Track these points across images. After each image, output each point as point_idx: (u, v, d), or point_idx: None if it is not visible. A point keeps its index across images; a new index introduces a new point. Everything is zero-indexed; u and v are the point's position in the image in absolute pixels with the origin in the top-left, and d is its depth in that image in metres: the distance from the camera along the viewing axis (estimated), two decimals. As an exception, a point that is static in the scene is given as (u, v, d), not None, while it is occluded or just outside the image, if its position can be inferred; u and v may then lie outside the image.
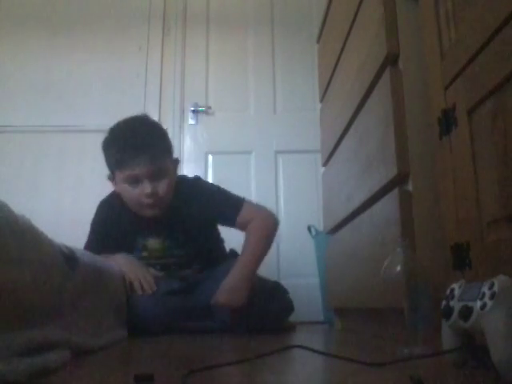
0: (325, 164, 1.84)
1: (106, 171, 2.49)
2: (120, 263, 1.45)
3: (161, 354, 1.03)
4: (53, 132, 2.52)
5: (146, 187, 1.43)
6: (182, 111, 2.61)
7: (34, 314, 0.78)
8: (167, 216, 1.51)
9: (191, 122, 2.57)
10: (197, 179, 1.63)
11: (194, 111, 2.59)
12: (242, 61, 2.67)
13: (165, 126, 2.49)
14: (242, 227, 1.52)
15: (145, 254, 1.55)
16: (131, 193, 1.47)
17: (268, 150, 2.55)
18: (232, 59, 2.67)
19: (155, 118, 2.55)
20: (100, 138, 2.56)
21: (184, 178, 1.62)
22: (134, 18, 2.68)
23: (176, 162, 1.58)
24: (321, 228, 2.03)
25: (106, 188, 2.44)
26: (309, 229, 2.13)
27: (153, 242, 1.54)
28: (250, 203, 1.59)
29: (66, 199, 2.43)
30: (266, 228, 1.51)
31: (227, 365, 0.70)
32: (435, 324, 0.76)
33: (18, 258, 0.74)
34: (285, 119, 2.59)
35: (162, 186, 1.46)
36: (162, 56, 2.65)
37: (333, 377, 0.71)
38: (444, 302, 0.68)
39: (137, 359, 0.96)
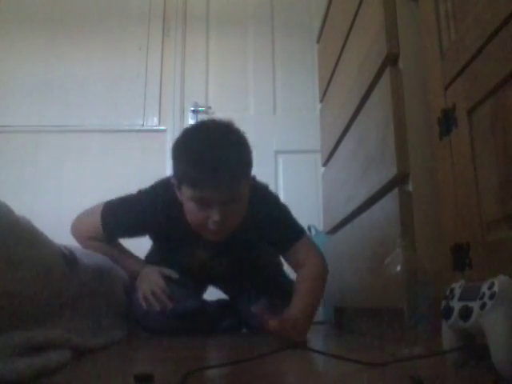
0: (325, 164, 1.84)
1: (105, 171, 2.51)
2: (137, 281, 1.38)
3: (161, 354, 1.03)
4: (53, 132, 2.52)
5: (215, 214, 1.20)
6: (182, 111, 2.61)
7: (34, 314, 0.78)
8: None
9: (191, 122, 2.57)
10: (266, 192, 1.42)
11: (194, 111, 2.59)
12: (242, 61, 2.67)
13: (164, 126, 2.54)
14: (291, 261, 1.37)
15: (190, 261, 1.44)
16: (196, 213, 1.23)
17: (268, 149, 2.55)
18: (232, 59, 2.68)
19: (155, 118, 2.56)
20: (100, 138, 2.58)
21: (253, 188, 1.34)
22: (134, 18, 2.68)
23: (252, 179, 1.34)
24: (321, 228, 2.03)
25: (106, 188, 2.44)
26: (309, 229, 2.12)
27: (203, 255, 1.42)
28: (308, 240, 1.41)
29: (65, 199, 2.43)
30: (321, 277, 1.34)
31: (227, 365, 0.70)
32: (435, 324, 0.76)
33: (18, 258, 0.74)
34: (285, 119, 2.59)
35: (233, 215, 1.24)
36: (162, 56, 2.65)
37: (333, 377, 0.71)
38: (444, 302, 0.68)
39: (137, 359, 0.96)
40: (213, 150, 1.19)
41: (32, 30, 2.64)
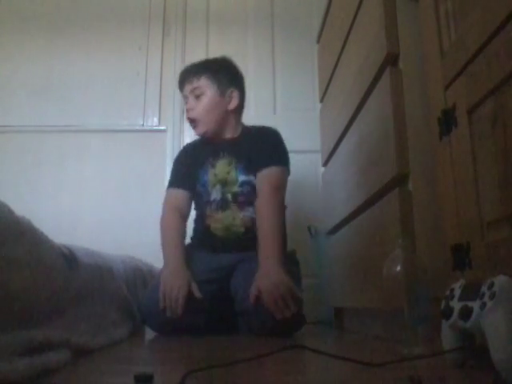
0: (325, 164, 1.84)
1: (105, 171, 2.51)
2: (164, 273, 1.45)
3: (161, 354, 1.03)
4: (53, 132, 2.52)
5: (187, 103, 1.66)
6: (182, 111, 2.60)
7: (34, 314, 0.78)
8: (237, 144, 1.64)
9: (191, 121, 2.56)
10: (274, 129, 1.71)
11: (194, 111, 2.59)
12: (242, 61, 2.66)
13: (164, 126, 2.54)
14: (258, 182, 1.57)
15: (212, 172, 1.63)
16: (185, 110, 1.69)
17: (268, 149, 2.54)
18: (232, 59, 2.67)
19: (155, 118, 2.56)
20: (100, 138, 2.58)
21: (264, 125, 1.74)
22: (134, 17, 2.68)
23: (230, 93, 1.67)
24: (321, 228, 2.03)
25: (106, 188, 2.45)
26: (309, 229, 2.13)
27: (221, 163, 1.63)
28: (282, 172, 1.60)
29: (65, 199, 2.43)
30: (275, 204, 1.53)
31: (227, 365, 0.70)
32: (435, 324, 0.76)
33: (18, 258, 0.74)
34: (285, 119, 2.58)
35: (198, 105, 1.63)
36: (162, 56, 2.64)
37: (333, 377, 0.71)
38: (444, 302, 0.68)
39: (137, 359, 0.96)
40: (195, 62, 1.70)
41: (32, 30, 2.64)
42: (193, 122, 1.66)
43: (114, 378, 0.71)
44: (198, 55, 2.66)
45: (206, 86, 1.63)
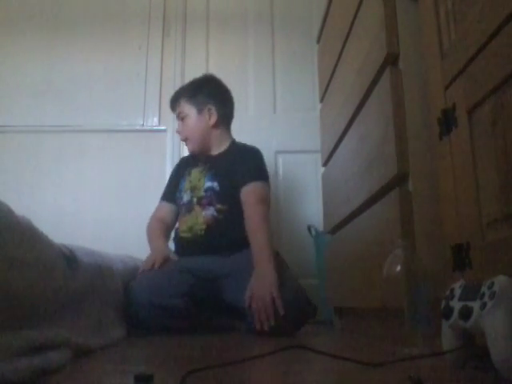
0: (325, 164, 1.84)
1: (105, 171, 2.51)
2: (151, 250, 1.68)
3: (161, 354, 1.03)
4: (52, 132, 2.52)
5: (177, 127, 1.88)
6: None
7: (34, 314, 0.78)
8: (220, 157, 1.81)
9: (191, 121, 2.56)
10: (257, 148, 1.84)
11: (193, 111, 2.59)
12: (242, 61, 2.67)
13: (164, 126, 2.55)
14: (243, 197, 1.69)
15: (188, 179, 1.80)
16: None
17: (268, 150, 2.54)
18: (232, 59, 2.67)
19: (155, 118, 2.56)
20: (100, 138, 2.58)
21: (248, 144, 1.87)
22: (134, 17, 2.68)
23: (208, 110, 1.81)
24: (321, 228, 2.03)
25: (106, 188, 2.45)
26: (309, 229, 2.13)
27: (195, 171, 1.81)
28: (266, 187, 1.72)
29: (66, 199, 2.43)
30: (262, 213, 1.64)
31: (227, 365, 0.70)
32: (435, 324, 0.76)
33: (19, 258, 0.74)
34: (285, 119, 2.59)
35: (185, 128, 1.83)
36: (162, 56, 2.64)
37: (333, 377, 0.71)
38: (444, 302, 0.68)
39: (137, 359, 0.96)
40: (182, 86, 1.96)
41: (32, 30, 2.64)
42: (184, 141, 1.87)
43: (114, 378, 0.71)
44: (198, 55, 2.68)
45: (187, 109, 1.83)
